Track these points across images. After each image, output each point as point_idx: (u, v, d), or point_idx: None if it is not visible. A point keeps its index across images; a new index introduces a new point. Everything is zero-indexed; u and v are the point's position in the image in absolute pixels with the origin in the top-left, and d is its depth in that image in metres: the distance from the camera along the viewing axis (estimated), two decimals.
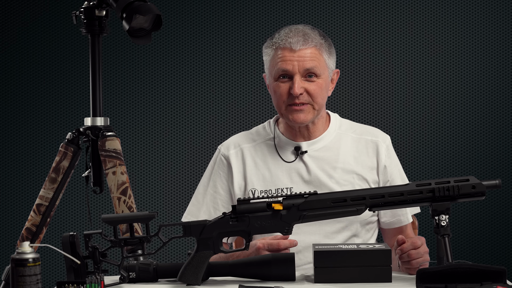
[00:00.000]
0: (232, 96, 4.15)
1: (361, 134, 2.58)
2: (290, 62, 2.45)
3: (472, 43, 4.11)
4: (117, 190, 2.71)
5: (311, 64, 2.45)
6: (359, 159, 2.54)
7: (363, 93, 4.12)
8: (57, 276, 4.12)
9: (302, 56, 2.45)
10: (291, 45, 2.45)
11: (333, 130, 2.57)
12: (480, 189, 2.09)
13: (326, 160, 2.53)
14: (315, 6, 4.12)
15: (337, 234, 2.49)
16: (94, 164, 2.78)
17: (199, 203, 2.58)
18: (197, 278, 2.13)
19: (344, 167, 2.52)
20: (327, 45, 2.50)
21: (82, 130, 2.78)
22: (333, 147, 2.54)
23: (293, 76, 2.45)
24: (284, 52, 2.46)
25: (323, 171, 2.51)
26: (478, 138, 4.12)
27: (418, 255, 2.22)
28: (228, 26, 4.14)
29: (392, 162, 2.57)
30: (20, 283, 1.95)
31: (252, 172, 2.54)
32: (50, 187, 2.77)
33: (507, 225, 4.11)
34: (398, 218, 2.55)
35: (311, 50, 2.46)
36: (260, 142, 2.58)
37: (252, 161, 2.56)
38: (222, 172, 2.58)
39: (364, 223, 2.52)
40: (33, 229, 2.78)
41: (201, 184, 2.62)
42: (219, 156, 2.60)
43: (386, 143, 2.58)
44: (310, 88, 2.46)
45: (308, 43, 2.46)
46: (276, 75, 2.48)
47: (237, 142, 2.60)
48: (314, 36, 2.48)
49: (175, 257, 4.13)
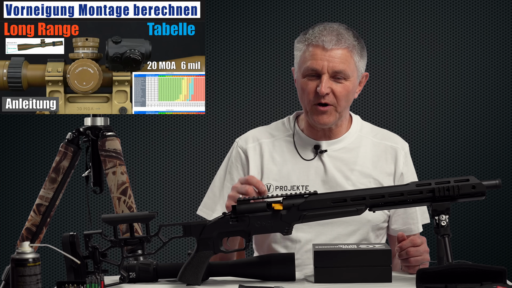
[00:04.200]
0: (232, 96, 4.15)
1: (381, 139, 2.57)
2: (320, 62, 2.42)
3: (472, 43, 4.11)
4: (117, 190, 2.71)
5: (340, 67, 2.42)
6: (377, 164, 2.53)
7: (363, 93, 4.11)
8: (57, 276, 4.12)
9: (333, 57, 2.42)
10: (324, 43, 2.43)
11: (354, 131, 2.56)
12: (480, 189, 2.09)
13: (344, 161, 2.52)
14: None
15: (348, 236, 2.48)
16: (94, 164, 2.79)
17: (216, 196, 2.56)
18: (197, 278, 2.13)
19: (362, 170, 2.51)
20: (359, 47, 2.47)
21: (82, 130, 2.79)
22: (353, 149, 2.53)
23: (322, 75, 2.43)
24: (316, 49, 2.44)
25: (341, 172, 2.50)
26: (478, 138, 4.12)
27: (417, 253, 2.22)
28: (231, 24, 4.14)
29: (409, 170, 2.57)
30: (20, 283, 1.95)
31: (269, 167, 2.53)
32: (50, 187, 2.78)
33: (507, 225, 4.11)
34: (409, 227, 2.54)
35: (343, 51, 2.44)
36: (279, 138, 2.57)
37: (270, 156, 2.54)
38: (239, 165, 2.56)
39: (376, 228, 2.51)
40: (33, 229, 2.78)
41: (217, 177, 2.59)
42: (236, 149, 2.58)
43: (405, 150, 2.57)
44: (337, 90, 2.44)
45: (341, 43, 2.43)
46: (305, 72, 2.45)
47: (256, 136, 2.58)
48: (348, 37, 2.45)
49: (175, 257, 4.13)
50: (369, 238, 2.50)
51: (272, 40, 4.13)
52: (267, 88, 4.13)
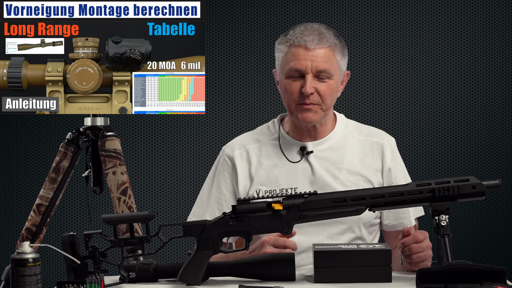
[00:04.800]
0: (232, 96, 4.15)
1: (366, 135, 2.57)
2: (303, 62, 2.43)
3: (472, 43, 4.11)
4: (117, 190, 2.71)
5: (324, 66, 2.43)
6: (364, 161, 2.53)
7: (363, 94, 4.12)
8: (57, 276, 4.12)
9: (316, 56, 2.43)
10: (306, 43, 2.43)
11: (339, 130, 2.56)
12: (480, 189, 2.09)
13: (331, 160, 2.52)
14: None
15: (341, 235, 2.49)
16: (94, 164, 2.79)
17: (204, 205, 2.57)
18: (197, 278, 2.13)
19: (349, 168, 2.52)
20: (341, 46, 2.48)
21: (82, 130, 2.79)
22: (339, 148, 2.54)
23: (305, 75, 2.44)
24: (298, 50, 2.44)
25: (328, 171, 2.51)
26: (478, 138, 4.12)
27: (420, 249, 2.21)
28: (231, 24, 4.14)
29: (397, 164, 2.57)
30: (20, 283, 1.95)
31: (257, 172, 2.54)
32: (50, 187, 2.78)
33: (507, 225, 4.11)
34: (401, 222, 2.54)
35: (325, 50, 2.44)
36: (265, 142, 2.57)
37: (257, 162, 2.55)
38: (226, 173, 2.57)
39: (368, 225, 2.52)
40: (33, 229, 2.78)
41: (205, 186, 2.60)
42: (223, 157, 2.59)
43: (392, 145, 2.57)
44: (321, 89, 2.44)
45: (323, 42, 2.44)
46: (288, 72, 2.46)
47: (242, 143, 2.59)
48: (329, 36, 2.46)
49: (175, 257, 4.13)
50: (362, 235, 2.51)
51: (272, 40, 4.12)
52: (267, 88, 4.13)
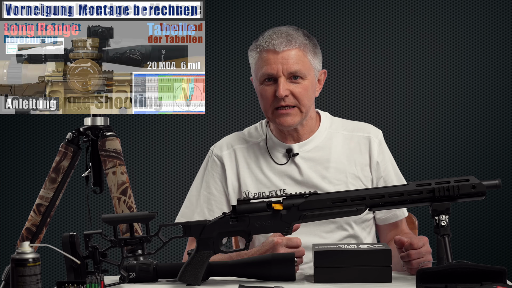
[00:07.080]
0: (232, 96, 4.15)
1: (352, 130, 2.57)
2: (274, 65, 2.44)
3: (472, 43, 4.11)
4: (117, 190, 2.71)
5: (295, 68, 2.44)
6: (351, 157, 2.53)
7: (363, 94, 4.12)
8: (57, 276, 4.12)
9: (286, 58, 2.44)
10: (274, 46, 2.44)
11: (324, 129, 2.56)
12: (480, 189, 2.09)
13: (318, 160, 2.52)
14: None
15: (332, 233, 2.49)
16: (94, 164, 2.79)
17: (193, 205, 2.57)
18: (197, 278, 2.13)
19: (336, 166, 2.52)
20: (311, 45, 2.48)
21: (82, 130, 2.79)
22: (324, 147, 2.54)
23: (278, 78, 2.44)
24: (268, 54, 2.45)
25: (316, 172, 2.51)
26: (478, 138, 4.12)
27: (419, 255, 2.21)
28: (231, 24, 4.14)
29: (385, 157, 2.57)
30: (20, 283, 1.95)
31: (245, 173, 2.54)
32: (50, 187, 2.78)
33: (507, 225, 4.12)
34: (394, 213, 2.55)
35: (295, 51, 2.45)
36: (252, 143, 2.58)
37: (245, 163, 2.55)
38: (215, 173, 2.57)
39: (360, 221, 2.52)
40: (33, 229, 2.78)
41: (194, 186, 2.60)
42: (211, 157, 2.59)
43: (379, 138, 2.57)
44: (296, 90, 2.45)
45: (291, 44, 2.44)
46: (262, 78, 2.47)
47: (230, 143, 2.59)
48: (298, 37, 2.46)
49: (175, 257, 4.14)
50: (355, 232, 2.51)
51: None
52: None
